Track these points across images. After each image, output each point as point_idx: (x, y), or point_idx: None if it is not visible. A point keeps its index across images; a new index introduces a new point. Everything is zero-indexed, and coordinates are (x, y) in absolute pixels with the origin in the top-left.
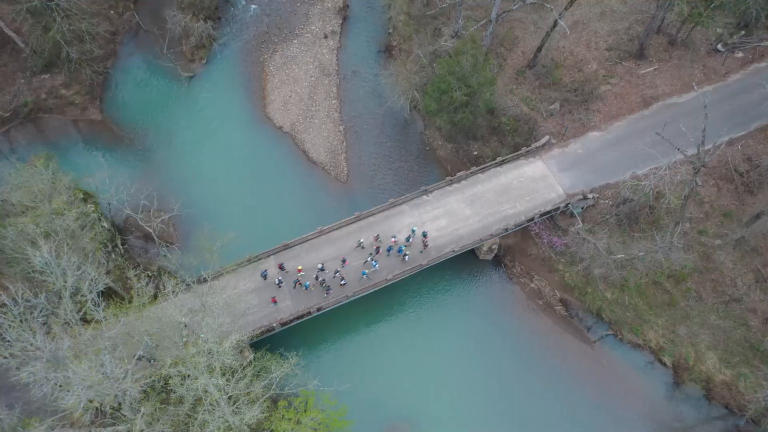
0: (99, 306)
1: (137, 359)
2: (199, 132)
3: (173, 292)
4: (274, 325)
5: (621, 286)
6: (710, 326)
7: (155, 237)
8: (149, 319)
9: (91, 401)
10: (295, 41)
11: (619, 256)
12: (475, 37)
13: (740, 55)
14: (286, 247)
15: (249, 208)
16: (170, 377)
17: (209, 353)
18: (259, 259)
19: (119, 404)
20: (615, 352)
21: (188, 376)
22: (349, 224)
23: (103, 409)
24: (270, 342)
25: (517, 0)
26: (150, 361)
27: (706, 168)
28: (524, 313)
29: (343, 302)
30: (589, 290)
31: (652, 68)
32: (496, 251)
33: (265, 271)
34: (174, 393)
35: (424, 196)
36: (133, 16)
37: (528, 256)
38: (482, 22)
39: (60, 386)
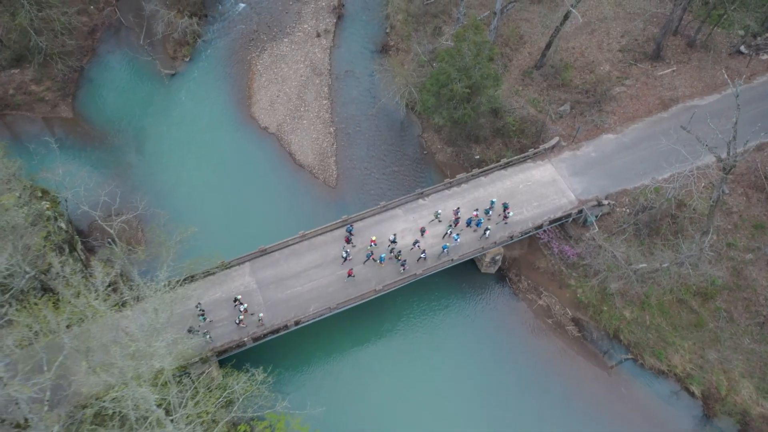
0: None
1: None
2: (178, 132)
3: (102, 282)
4: (245, 339)
5: (641, 303)
6: (744, 351)
7: (114, 237)
8: (73, 316)
9: None
10: (285, 40)
11: (640, 265)
12: (479, 23)
13: (765, 57)
14: (264, 252)
15: (228, 213)
16: (83, 386)
17: (138, 356)
18: (231, 266)
19: (26, 419)
20: (635, 379)
21: (113, 386)
22: (334, 229)
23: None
24: (237, 358)
25: None
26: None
27: (734, 175)
28: (531, 333)
29: (326, 315)
30: (605, 308)
31: (669, 70)
32: (499, 263)
33: (351, 226)
34: (89, 408)
35: (420, 200)
36: (114, 11)
37: (536, 270)
38: (486, 14)
39: None
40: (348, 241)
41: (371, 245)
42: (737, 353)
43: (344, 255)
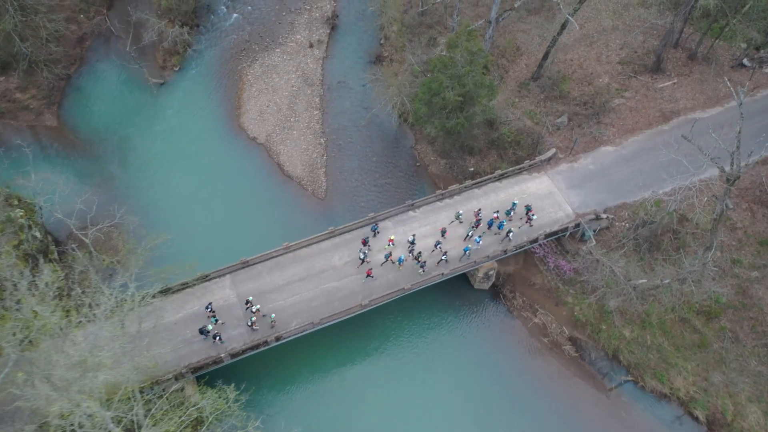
0: None
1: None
2: (164, 142)
3: (48, 285)
4: (223, 355)
5: (642, 322)
6: (751, 373)
7: (90, 246)
8: (18, 323)
9: None
10: (277, 50)
11: (640, 281)
12: (471, 30)
13: None
14: (246, 264)
15: (213, 225)
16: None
17: (84, 366)
18: (211, 278)
19: None
20: (636, 403)
21: (55, 401)
22: (320, 241)
23: None
24: (214, 375)
25: None
26: None
27: (738, 189)
28: (526, 353)
29: (309, 330)
30: (604, 327)
31: (670, 82)
32: (493, 279)
33: (376, 225)
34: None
35: (411, 212)
36: (104, 20)
37: (531, 286)
38: (481, 23)
39: None
40: (365, 243)
41: (389, 245)
42: (743, 376)
43: (361, 257)
